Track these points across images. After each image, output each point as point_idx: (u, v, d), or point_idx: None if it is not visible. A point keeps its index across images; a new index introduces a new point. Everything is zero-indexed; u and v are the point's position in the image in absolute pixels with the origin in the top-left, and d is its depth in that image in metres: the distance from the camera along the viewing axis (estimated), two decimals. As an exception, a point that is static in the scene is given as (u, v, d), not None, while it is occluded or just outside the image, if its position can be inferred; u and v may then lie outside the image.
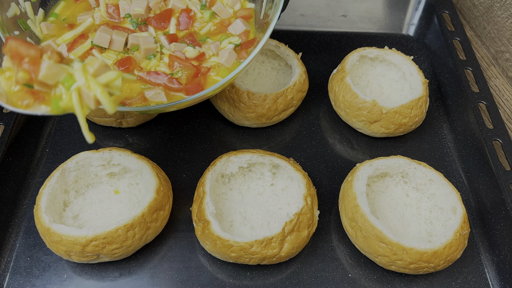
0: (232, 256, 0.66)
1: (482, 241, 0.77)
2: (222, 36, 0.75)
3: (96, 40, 0.71)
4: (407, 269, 0.68)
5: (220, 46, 0.73)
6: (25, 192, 0.79)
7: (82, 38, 0.72)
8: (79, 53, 0.71)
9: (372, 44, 1.08)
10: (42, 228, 0.66)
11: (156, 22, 0.75)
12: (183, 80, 0.68)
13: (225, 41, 0.74)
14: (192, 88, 0.68)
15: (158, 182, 0.71)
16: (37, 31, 0.73)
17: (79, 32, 0.73)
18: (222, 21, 0.77)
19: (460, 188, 0.84)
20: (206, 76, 0.71)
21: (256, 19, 0.77)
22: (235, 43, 0.73)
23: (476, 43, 1.11)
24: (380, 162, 0.76)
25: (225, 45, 0.73)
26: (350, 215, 0.71)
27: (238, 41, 0.73)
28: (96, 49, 0.71)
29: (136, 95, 0.68)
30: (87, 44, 0.71)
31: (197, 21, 0.77)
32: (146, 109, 0.65)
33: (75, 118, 0.88)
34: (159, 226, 0.71)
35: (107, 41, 0.71)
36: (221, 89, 0.67)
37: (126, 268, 0.72)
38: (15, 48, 0.49)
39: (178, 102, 0.64)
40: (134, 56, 0.71)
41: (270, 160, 0.76)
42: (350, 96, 0.84)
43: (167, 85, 0.68)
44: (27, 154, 0.83)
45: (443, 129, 0.92)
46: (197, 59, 0.71)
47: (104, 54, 0.72)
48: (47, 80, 0.49)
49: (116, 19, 0.75)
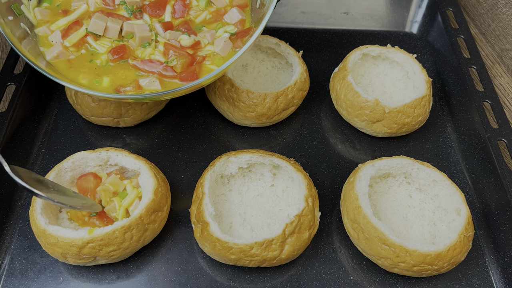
0: (232, 258, 0.66)
1: (487, 243, 0.77)
2: (217, 25, 0.75)
3: (91, 27, 0.71)
4: (410, 271, 0.68)
5: (215, 34, 0.74)
6: (20, 193, 0.79)
7: (77, 25, 0.72)
8: (73, 40, 0.72)
9: (375, 42, 1.08)
10: (38, 230, 0.66)
11: (151, 10, 0.75)
12: (178, 68, 0.69)
13: (220, 29, 0.74)
14: (187, 76, 0.68)
15: (156, 182, 0.71)
16: (30, 17, 0.73)
17: (74, 18, 0.74)
18: (217, 10, 0.77)
19: (464, 189, 0.83)
20: (201, 65, 0.71)
21: (252, 8, 0.78)
22: (230, 32, 0.74)
23: (480, 41, 1.11)
24: (383, 163, 0.76)
25: (220, 34, 0.74)
26: (352, 217, 0.71)
27: (233, 30, 0.74)
28: (91, 36, 0.72)
29: (130, 82, 0.69)
30: (81, 31, 0.72)
31: (193, 9, 0.77)
32: (141, 97, 0.66)
33: (71, 117, 0.89)
34: (157, 228, 0.71)
35: (102, 28, 0.72)
36: (216, 77, 0.68)
37: (123, 271, 0.71)
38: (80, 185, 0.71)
39: (173, 90, 0.65)
40: (129, 44, 0.71)
41: (270, 160, 0.76)
42: (352, 95, 0.84)
43: (162, 73, 0.69)
44: (23, 154, 0.83)
45: (447, 129, 0.92)
46: (192, 47, 0.72)
47: (98, 42, 0.73)
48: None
49: (110, 5, 0.76)
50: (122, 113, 0.83)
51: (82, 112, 0.85)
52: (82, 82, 0.70)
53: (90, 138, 0.87)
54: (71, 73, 0.71)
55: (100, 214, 0.70)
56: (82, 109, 0.84)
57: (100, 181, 0.73)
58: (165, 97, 0.68)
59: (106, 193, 0.70)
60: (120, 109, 0.82)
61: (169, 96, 0.68)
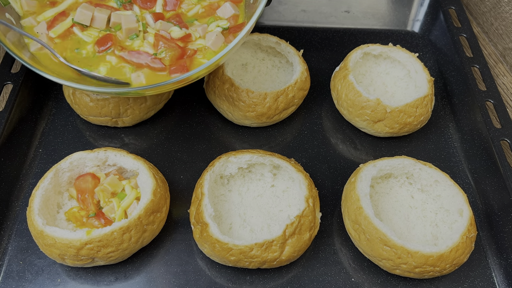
0: (231, 259, 0.66)
1: (489, 244, 0.77)
2: (210, 19, 0.75)
3: (77, 17, 0.70)
4: (412, 273, 0.68)
5: (207, 29, 0.73)
6: (18, 193, 0.79)
7: (63, 16, 0.71)
8: (59, 31, 0.71)
9: (376, 40, 1.08)
10: (35, 231, 0.66)
11: (141, 2, 0.74)
12: (166, 61, 0.68)
13: (212, 24, 0.73)
14: (176, 69, 0.68)
15: (155, 183, 0.71)
16: (17, 7, 0.73)
17: (61, 9, 0.73)
18: (211, 4, 0.77)
19: (467, 189, 0.83)
20: (192, 59, 0.71)
21: (246, 4, 0.77)
22: (223, 27, 0.73)
23: (483, 39, 1.11)
24: (384, 163, 0.76)
25: (212, 28, 0.73)
26: (353, 218, 0.71)
27: (226, 25, 0.73)
28: (77, 27, 0.71)
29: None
30: (67, 22, 0.71)
31: (185, 2, 0.77)
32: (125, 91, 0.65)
33: (69, 116, 0.89)
34: (156, 229, 0.71)
35: (88, 18, 0.71)
36: (207, 71, 0.67)
37: (121, 272, 0.71)
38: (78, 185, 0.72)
39: (160, 84, 0.64)
40: (116, 35, 0.70)
41: (270, 160, 0.76)
42: (353, 94, 0.84)
43: (150, 65, 0.68)
44: (20, 154, 0.83)
45: (449, 129, 0.92)
46: (183, 39, 0.71)
47: (85, 32, 0.71)
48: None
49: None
50: (120, 112, 0.83)
51: (80, 111, 0.84)
52: (68, 74, 0.69)
53: (88, 138, 0.87)
54: (56, 66, 0.69)
55: (98, 215, 0.70)
56: (80, 109, 0.84)
57: (99, 181, 0.73)
58: (150, 91, 0.67)
59: (104, 194, 0.71)
60: (118, 108, 0.82)
61: (156, 91, 0.67)
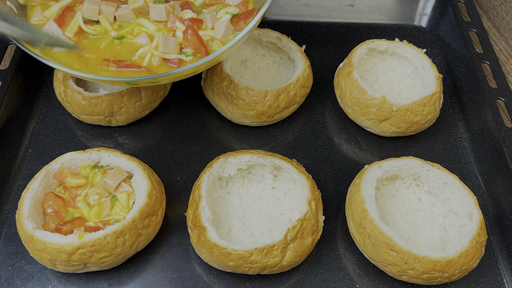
0: (230, 265, 0.66)
1: (500, 249, 0.77)
2: (218, 6, 0.75)
3: (84, 12, 0.71)
4: (419, 279, 0.68)
5: (216, 16, 0.73)
6: (6, 196, 0.79)
7: (70, 11, 0.72)
8: (74, 29, 0.71)
9: (382, 36, 1.08)
10: (25, 235, 0.66)
11: None
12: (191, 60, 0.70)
13: (221, 11, 0.74)
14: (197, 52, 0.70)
15: (150, 185, 0.71)
16: None
17: (66, 3, 0.73)
18: None
19: (477, 191, 0.84)
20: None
21: None
22: (232, 13, 0.73)
23: (494, 34, 1.11)
24: (390, 164, 0.76)
25: (221, 15, 0.73)
26: (358, 221, 0.71)
27: (235, 11, 0.73)
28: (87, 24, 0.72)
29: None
30: (77, 18, 0.72)
31: None
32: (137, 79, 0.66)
33: (60, 116, 0.89)
34: (151, 233, 0.71)
35: (96, 13, 0.72)
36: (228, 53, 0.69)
37: (115, 278, 0.72)
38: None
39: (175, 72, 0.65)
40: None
41: (271, 161, 0.76)
42: (357, 92, 0.84)
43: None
44: (9, 155, 0.83)
45: (458, 128, 0.92)
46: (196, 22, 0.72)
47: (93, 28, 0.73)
48: None
49: None
50: (114, 111, 0.83)
51: (71, 110, 0.85)
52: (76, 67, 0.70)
53: (80, 138, 0.87)
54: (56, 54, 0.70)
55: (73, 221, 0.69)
56: (72, 107, 0.84)
57: (63, 200, 0.73)
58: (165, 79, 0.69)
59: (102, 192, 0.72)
60: (112, 107, 0.82)
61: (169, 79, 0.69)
